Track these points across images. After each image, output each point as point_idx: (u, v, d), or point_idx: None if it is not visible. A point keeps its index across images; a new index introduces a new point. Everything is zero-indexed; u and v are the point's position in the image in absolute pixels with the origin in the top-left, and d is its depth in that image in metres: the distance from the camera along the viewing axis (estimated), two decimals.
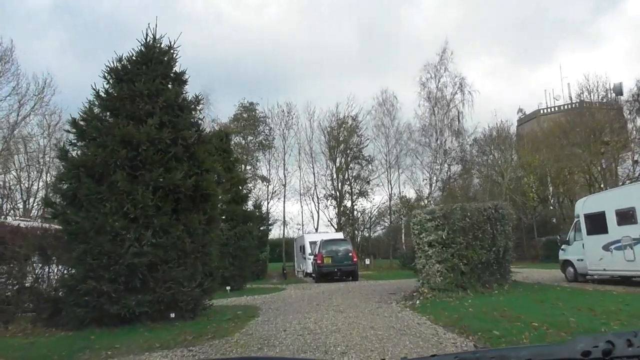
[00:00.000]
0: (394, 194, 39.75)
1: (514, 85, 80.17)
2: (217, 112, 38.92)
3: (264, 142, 38.89)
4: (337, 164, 40.58)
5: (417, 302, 13.07)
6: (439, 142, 40.29)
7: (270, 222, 29.99)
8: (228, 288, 19.18)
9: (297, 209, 40.47)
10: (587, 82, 42.06)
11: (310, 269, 28.17)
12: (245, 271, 20.07)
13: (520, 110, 72.88)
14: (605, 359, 1.25)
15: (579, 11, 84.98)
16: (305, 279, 28.02)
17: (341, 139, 40.82)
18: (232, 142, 37.78)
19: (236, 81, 72.61)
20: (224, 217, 19.58)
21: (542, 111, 68.96)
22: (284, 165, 38.88)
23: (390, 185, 39.77)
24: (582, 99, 55.85)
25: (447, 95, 40.65)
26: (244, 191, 21.76)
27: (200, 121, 12.29)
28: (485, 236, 14.73)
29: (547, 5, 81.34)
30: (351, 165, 40.78)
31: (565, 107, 65.84)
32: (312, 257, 27.04)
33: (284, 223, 38.72)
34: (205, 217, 11.23)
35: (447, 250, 13.77)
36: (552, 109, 68.50)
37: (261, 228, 28.96)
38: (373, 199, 40.70)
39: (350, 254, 24.38)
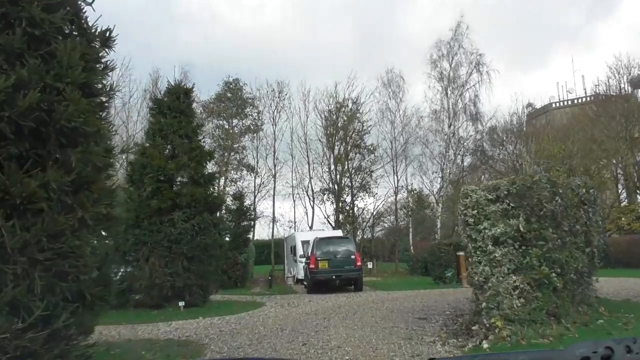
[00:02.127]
0: (401, 187, 33.80)
1: (512, 87, 74.86)
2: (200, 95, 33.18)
3: (251, 126, 32.92)
4: (336, 153, 34.63)
5: (484, 344, 7.13)
6: (452, 128, 34.42)
7: (253, 217, 24.06)
8: (181, 304, 13.18)
9: (288, 205, 34.45)
10: (619, 62, 36.08)
11: (302, 275, 22.19)
12: (207, 279, 14.04)
13: (529, 104, 67.14)
14: None
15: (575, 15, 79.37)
16: (295, 288, 22.01)
17: (340, 124, 34.89)
18: (213, 125, 31.86)
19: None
20: (176, 201, 13.61)
21: (554, 105, 63.51)
22: (274, 153, 32.96)
23: (397, 177, 33.84)
24: (597, 91, 50.30)
25: (461, 76, 34.80)
26: (209, 168, 15.71)
27: (82, 3, 6.28)
28: (580, 228, 8.85)
29: (544, 8, 75.71)
30: (351, 154, 34.84)
31: (580, 100, 60.47)
32: (304, 259, 21.05)
33: (273, 220, 32.73)
34: (67, 178, 5.21)
35: (530, 252, 7.82)
36: (565, 103, 63.18)
37: (243, 224, 23.01)
38: (376, 193, 34.80)
39: (353, 257, 18.39)
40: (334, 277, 17.94)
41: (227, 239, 22.09)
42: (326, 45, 65.26)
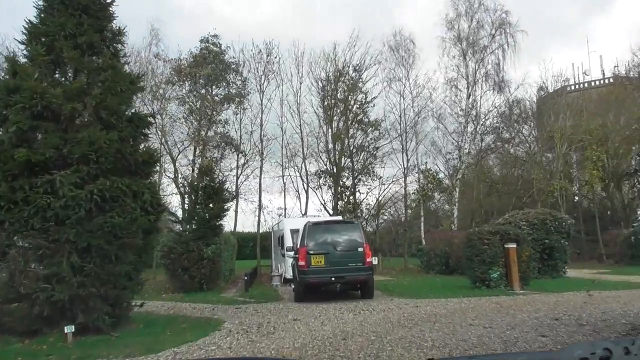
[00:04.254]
0: (412, 167, 27.89)
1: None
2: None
3: (233, 93, 26.82)
4: (334, 129, 28.73)
5: None
6: (471, 99, 28.58)
7: (229, 197, 18.03)
8: (70, 330, 7.28)
9: (277, 189, 28.59)
10: None
11: (291, 274, 16.31)
12: (120, 285, 8.13)
13: (541, 88, 61.23)
14: None
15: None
16: (281, 291, 16.16)
17: (340, 96, 28.99)
18: (185, 91, 25.89)
19: None
20: (63, 152, 7.71)
21: (569, 87, 57.66)
22: (261, 126, 27.01)
23: (407, 155, 27.95)
24: (617, 71, 44.95)
25: (483, 38, 28.93)
26: (133, 103, 9.63)
27: None
28: None
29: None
30: (352, 131, 28.95)
31: (599, 82, 54.83)
32: (292, 253, 15.17)
33: (260, 206, 26.73)
34: None
35: None
36: (582, 85, 57.38)
37: (212, 206, 17.05)
38: (380, 177, 28.99)
39: (361, 249, 12.51)
40: (333, 279, 12.10)
41: (185, 224, 16.27)
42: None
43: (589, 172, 28.46)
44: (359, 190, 28.87)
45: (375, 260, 23.10)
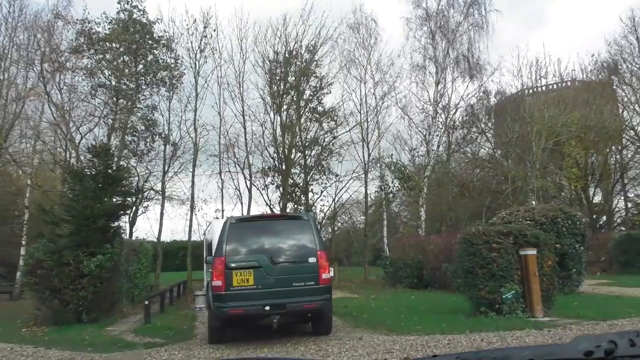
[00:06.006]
0: (373, 160, 23.63)
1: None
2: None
3: (158, 74, 21.61)
4: (284, 119, 24.10)
5: None
6: (440, 87, 24.72)
7: (132, 190, 12.81)
8: None
9: (214, 187, 23.70)
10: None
11: None
12: None
13: (498, 92, 58.89)
14: (608, 358, 1.14)
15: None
16: (200, 321, 11.24)
17: (291, 80, 24.45)
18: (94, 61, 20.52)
19: None
20: None
21: (527, 91, 55.63)
22: (195, 112, 22.05)
23: (368, 148, 23.70)
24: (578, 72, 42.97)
25: (454, 17, 25.23)
26: None
27: None
28: None
29: None
30: (303, 120, 24.47)
31: (558, 85, 53.03)
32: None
33: (192, 208, 21.59)
34: None
35: None
36: (541, 89, 55.53)
37: (104, 200, 11.87)
38: (337, 174, 24.64)
39: (313, 260, 7.82)
40: (267, 308, 7.32)
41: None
42: None
43: (568, 170, 25.19)
44: (312, 190, 24.39)
45: (331, 272, 18.56)
